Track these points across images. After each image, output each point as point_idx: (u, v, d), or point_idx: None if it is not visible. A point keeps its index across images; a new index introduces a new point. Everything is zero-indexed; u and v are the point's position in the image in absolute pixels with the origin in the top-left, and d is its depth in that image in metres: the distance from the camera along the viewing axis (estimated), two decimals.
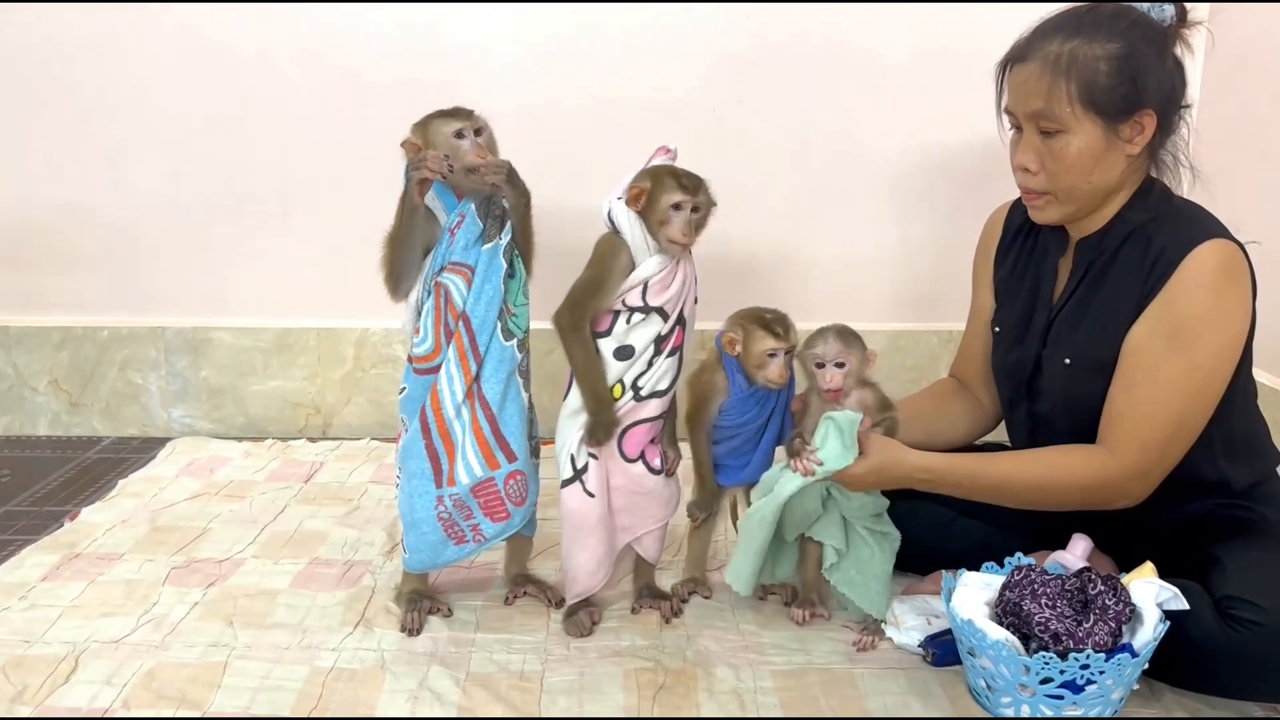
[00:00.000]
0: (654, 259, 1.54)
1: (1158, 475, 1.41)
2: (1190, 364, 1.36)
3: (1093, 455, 1.42)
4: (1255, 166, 2.14)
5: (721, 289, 2.45)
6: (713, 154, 2.42)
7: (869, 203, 2.47)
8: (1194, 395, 1.37)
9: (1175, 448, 1.40)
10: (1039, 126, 1.41)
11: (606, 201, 1.56)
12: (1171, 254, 1.37)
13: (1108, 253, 1.45)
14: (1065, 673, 1.27)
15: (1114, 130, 1.38)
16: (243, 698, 1.41)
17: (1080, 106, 1.37)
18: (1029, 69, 1.40)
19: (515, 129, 1.66)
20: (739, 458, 1.62)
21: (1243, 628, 1.26)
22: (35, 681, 1.44)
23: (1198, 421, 1.39)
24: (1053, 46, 1.38)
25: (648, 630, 1.60)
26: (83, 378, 2.56)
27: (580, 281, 1.55)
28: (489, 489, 1.57)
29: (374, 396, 2.56)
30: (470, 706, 1.39)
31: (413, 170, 1.51)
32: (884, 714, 1.38)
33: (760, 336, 1.54)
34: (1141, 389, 1.38)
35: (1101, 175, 1.41)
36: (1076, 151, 1.39)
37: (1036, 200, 1.47)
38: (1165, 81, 1.38)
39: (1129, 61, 1.36)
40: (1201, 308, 1.35)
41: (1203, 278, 1.35)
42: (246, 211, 2.48)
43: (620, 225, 1.54)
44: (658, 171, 1.55)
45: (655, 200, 1.52)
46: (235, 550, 1.88)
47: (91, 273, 2.53)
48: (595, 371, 1.54)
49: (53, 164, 2.46)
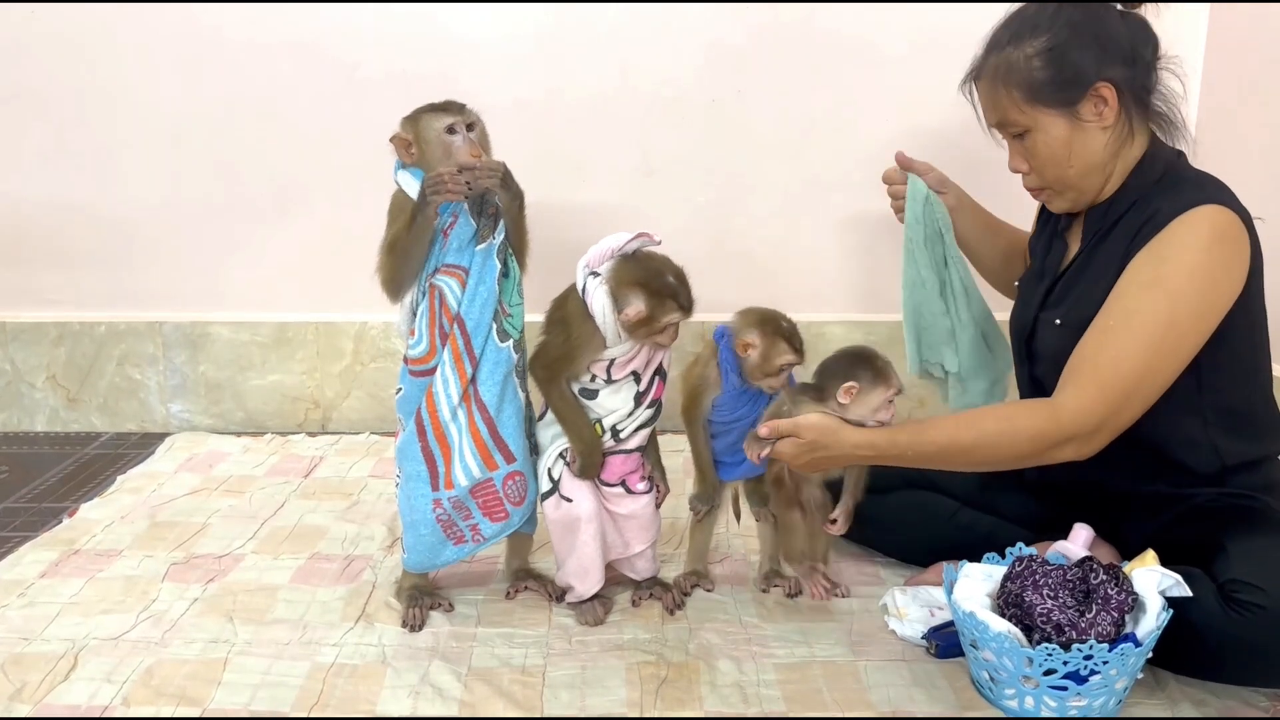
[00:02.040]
0: (624, 344, 1.52)
1: (1110, 429, 1.36)
2: (1169, 318, 1.34)
3: (1037, 406, 1.40)
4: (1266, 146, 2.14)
5: (719, 280, 2.44)
6: (711, 145, 2.44)
7: (867, 193, 2.46)
8: (1165, 351, 1.34)
9: (1134, 402, 1.35)
10: (1009, 132, 1.48)
11: (584, 272, 1.51)
12: (1165, 214, 1.37)
13: (1112, 219, 1.46)
14: (1069, 664, 1.27)
15: (1073, 114, 1.41)
16: (243, 694, 1.40)
17: (1029, 106, 1.42)
18: (983, 85, 1.48)
19: (510, 123, 1.65)
20: (735, 454, 1.62)
21: (1246, 611, 1.26)
22: (34, 679, 1.43)
23: (1162, 379, 1.36)
24: (992, 60, 1.45)
25: (650, 623, 1.60)
26: (80, 373, 2.55)
27: (552, 344, 1.54)
28: (487, 490, 1.57)
29: (373, 390, 2.55)
30: (472, 701, 1.39)
31: (431, 194, 1.46)
32: (887, 706, 1.37)
33: (782, 350, 1.52)
34: (1114, 334, 1.35)
35: (1081, 158, 1.43)
36: (1045, 145, 1.44)
37: (1041, 195, 1.53)
38: (1110, 49, 1.39)
39: (1057, 49, 1.39)
40: (1187, 265, 1.34)
41: (1192, 237, 1.34)
42: (243, 205, 2.47)
43: (593, 309, 1.49)
44: (660, 291, 1.47)
45: (654, 319, 1.48)
46: (235, 546, 1.87)
47: (88, 268, 2.52)
48: (577, 419, 1.55)
49: (49, 160, 2.45)
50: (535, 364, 1.56)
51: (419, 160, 1.53)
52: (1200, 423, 1.43)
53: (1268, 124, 2.11)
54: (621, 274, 1.49)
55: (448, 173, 1.46)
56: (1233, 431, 1.45)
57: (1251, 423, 1.47)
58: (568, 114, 2.40)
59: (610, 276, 1.49)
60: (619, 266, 1.50)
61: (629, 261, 1.51)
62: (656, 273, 1.49)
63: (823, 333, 2.48)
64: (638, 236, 1.52)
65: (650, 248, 1.54)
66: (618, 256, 1.51)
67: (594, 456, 1.56)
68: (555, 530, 1.60)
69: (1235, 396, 1.44)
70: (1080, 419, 1.34)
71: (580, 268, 1.52)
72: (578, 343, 1.51)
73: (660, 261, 1.52)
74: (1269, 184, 2.06)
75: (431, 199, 1.47)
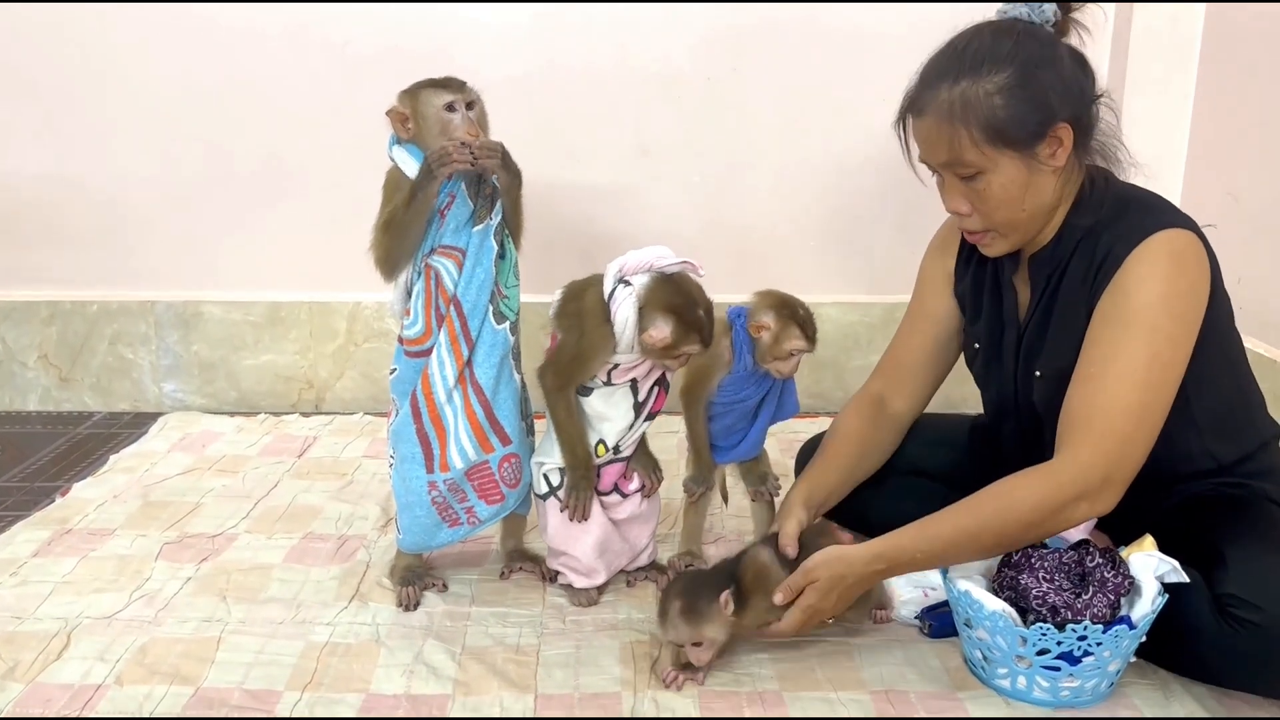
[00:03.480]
0: (632, 354, 1.50)
1: (1121, 477, 1.29)
2: (1149, 354, 1.29)
3: (1033, 473, 1.31)
4: (1254, 130, 2.13)
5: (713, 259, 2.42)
6: (707, 124, 2.42)
7: (863, 173, 2.45)
8: (1154, 386, 1.30)
9: (1135, 446, 1.29)
10: (956, 173, 1.36)
11: (614, 275, 1.47)
12: (1119, 250, 1.32)
13: (1061, 262, 1.41)
14: (1062, 644, 1.27)
15: (1032, 155, 1.31)
16: (237, 673, 1.40)
17: (988, 146, 1.30)
18: (926, 123, 1.34)
19: (504, 101, 1.63)
20: (730, 436, 1.62)
21: (1241, 627, 1.24)
22: (27, 658, 1.43)
23: (1157, 416, 1.30)
24: (942, 95, 1.31)
25: (644, 603, 1.60)
26: (72, 352, 2.54)
27: (566, 348, 1.51)
28: (483, 472, 1.56)
29: (367, 371, 2.54)
30: (466, 680, 1.39)
31: (438, 166, 1.44)
32: (879, 684, 1.38)
33: (794, 335, 1.52)
34: (1098, 382, 1.30)
35: (1034, 199, 1.36)
36: (1000, 188, 1.33)
37: (982, 239, 1.42)
38: (1069, 87, 1.31)
39: (1023, 87, 1.29)
40: (1153, 295, 1.30)
41: (1151, 268, 1.30)
42: (236, 184, 2.46)
43: (616, 317, 1.45)
44: (690, 323, 1.45)
45: (675, 346, 1.46)
46: (228, 525, 1.87)
47: (80, 247, 2.51)
48: (575, 431, 1.54)
49: (40, 138, 2.43)
50: (546, 372, 1.53)
51: (415, 136, 1.51)
52: (1195, 433, 1.41)
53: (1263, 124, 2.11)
54: (656, 294, 1.44)
55: (452, 145, 1.44)
56: (1225, 432, 1.44)
57: (1239, 418, 1.46)
58: (562, 92, 2.39)
59: (644, 293, 1.45)
60: (655, 285, 1.45)
61: (666, 283, 1.46)
62: (691, 302, 1.46)
63: (818, 314, 2.45)
64: (684, 263, 1.48)
65: (691, 275, 1.49)
66: (655, 273, 1.47)
67: (582, 472, 1.54)
68: (554, 526, 1.59)
69: (1222, 398, 1.43)
70: (1082, 476, 1.28)
71: (612, 270, 1.47)
72: (590, 344, 1.48)
73: (696, 290, 1.48)
74: (1267, 183, 2.07)
75: (438, 171, 1.44)
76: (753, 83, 2.39)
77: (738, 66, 2.38)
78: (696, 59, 2.38)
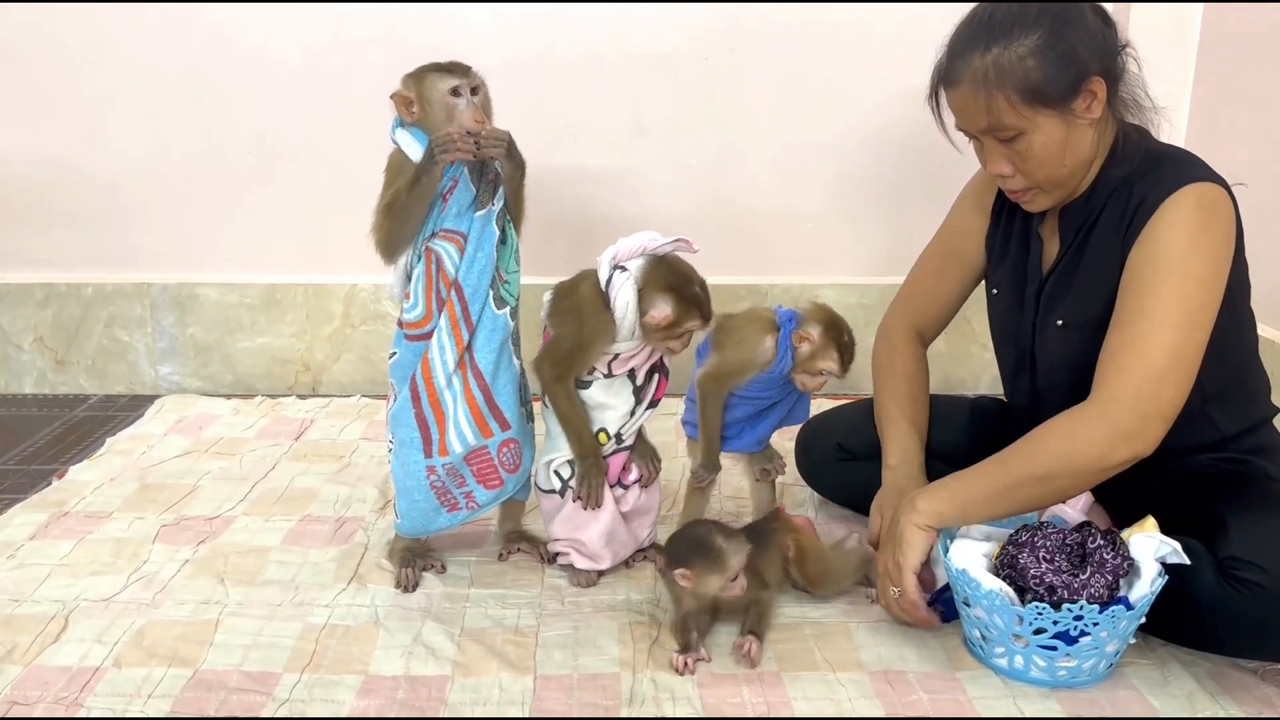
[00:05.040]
0: (633, 341, 1.51)
1: (1158, 414, 1.32)
2: (1180, 293, 1.32)
3: (1084, 409, 1.34)
4: (1256, 112, 2.13)
5: (711, 241, 2.42)
6: (704, 104, 2.41)
7: (862, 153, 2.44)
8: (1187, 326, 1.33)
9: (1171, 386, 1.32)
10: (996, 137, 1.38)
11: (608, 263, 1.48)
12: (1153, 199, 1.35)
13: (1094, 213, 1.43)
14: (1059, 623, 1.27)
15: (1068, 111, 1.35)
16: (235, 655, 1.40)
17: (1027, 107, 1.34)
18: (961, 92, 1.37)
19: (501, 82, 1.61)
20: (734, 427, 1.62)
21: (1244, 589, 1.25)
22: (25, 640, 1.43)
23: (1194, 355, 1.33)
24: (975, 63, 1.34)
25: (642, 584, 1.60)
26: (68, 335, 2.53)
27: (565, 339, 1.51)
28: (482, 457, 1.56)
29: (363, 353, 2.53)
30: (465, 662, 1.39)
31: (441, 153, 1.44)
32: (878, 665, 1.38)
33: (830, 357, 1.54)
34: (1131, 325, 1.34)
35: (1075, 154, 1.39)
36: (1042, 146, 1.37)
37: (1024, 196, 1.45)
38: (1097, 40, 1.34)
39: (1054, 46, 1.32)
40: (1184, 242, 1.33)
41: (1183, 216, 1.33)
42: (231, 166, 2.44)
43: (616, 303, 1.46)
44: (689, 300, 1.47)
45: (677, 324, 1.48)
46: (225, 508, 1.87)
47: (74, 228, 2.49)
48: (579, 421, 1.54)
49: (33, 119, 2.41)
50: (543, 362, 1.53)
51: (420, 120, 1.50)
52: (1199, 399, 1.42)
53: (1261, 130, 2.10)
54: (653, 275, 1.46)
55: (457, 132, 1.44)
56: (1227, 402, 1.45)
57: (1243, 389, 1.48)
58: (559, 73, 2.37)
59: (640, 275, 1.46)
60: (650, 267, 1.47)
61: (660, 264, 1.48)
62: (687, 280, 1.48)
63: (816, 296, 2.45)
64: (676, 241, 1.50)
65: (683, 253, 1.51)
66: (648, 256, 1.48)
67: (591, 460, 1.54)
68: (564, 516, 1.59)
69: (1226, 367, 1.44)
70: (1121, 415, 1.31)
71: (606, 258, 1.48)
72: (591, 333, 1.49)
73: (689, 269, 1.50)
74: (1264, 177, 2.06)
75: (440, 158, 1.44)
76: (750, 63, 2.37)
77: (735, 47, 2.36)
78: (694, 39, 2.36)
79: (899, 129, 2.39)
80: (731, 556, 1.37)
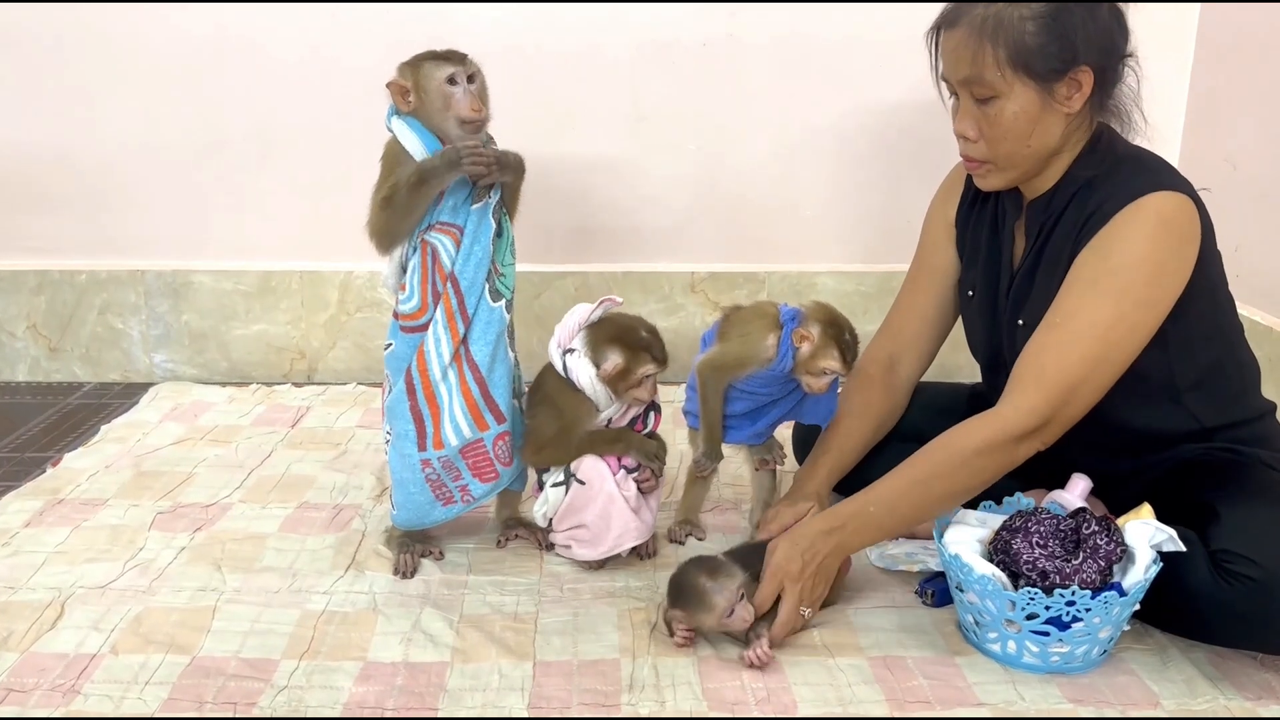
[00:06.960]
0: (614, 405, 1.56)
1: (1060, 420, 1.34)
2: (1114, 314, 1.32)
3: (979, 419, 1.37)
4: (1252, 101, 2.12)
5: (709, 228, 2.42)
6: (702, 90, 2.40)
7: (860, 140, 2.44)
8: (1113, 343, 1.33)
9: (1081, 395, 1.34)
10: (973, 93, 1.37)
11: (558, 352, 1.55)
12: (1110, 206, 1.34)
13: (1056, 212, 1.42)
14: (1051, 609, 1.27)
15: (1049, 91, 1.34)
16: (233, 642, 1.40)
17: (1010, 70, 1.33)
18: (957, 34, 1.36)
19: (498, 68, 1.60)
20: (732, 420, 1.62)
21: (1237, 581, 1.25)
22: (21, 628, 1.42)
23: (1110, 371, 1.34)
24: (978, 10, 1.34)
25: (642, 571, 1.60)
26: (61, 322, 2.51)
27: (544, 427, 1.57)
28: (478, 450, 1.56)
29: (359, 341, 2.53)
30: (464, 648, 1.39)
31: (467, 164, 1.44)
32: (876, 650, 1.38)
33: (831, 356, 1.52)
34: (1056, 332, 1.34)
35: (1040, 138, 1.37)
36: (1011, 116, 1.35)
37: (978, 169, 1.44)
38: (1100, 35, 1.33)
39: (1057, 19, 1.31)
40: (1133, 257, 1.32)
41: (1137, 229, 1.32)
42: (226, 152, 2.42)
43: (580, 381, 1.53)
44: (635, 345, 1.52)
45: (630, 373, 1.52)
46: (222, 495, 1.86)
47: (68, 215, 2.48)
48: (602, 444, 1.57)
49: (25, 104, 2.39)
50: (527, 451, 1.60)
51: (416, 109, 1.49)
52: (1176, 393, 1.43)
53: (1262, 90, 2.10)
54: (596, 334, 1.53)
55: (487, 155, 1.46)
56: (1208, 397, 1.44)
57: (1224, 384, 1.46)
58: (557, 60, 2.36)
59: (585, 342, 1.53)
60: (591, 330, 1.54)
61: (599, 326, 1.55)
62: (630, 329, 1.54)
63: (814, 283, 2.47)
64: (601, 303, 1.56)
65: (614, 310, 1.57)
66: (586, 327, 1.55)
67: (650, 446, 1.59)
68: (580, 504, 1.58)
69: (1205, 362, 1.43)
70: (1024, 419, 1.33)
71: (553, 349, 1.55)
72: (572, 416, 1.54)
73: (632, 319, 1.56)
74: (1265, 150, 2.06)
75: (465, 167, 1.45)
76: (749, 48, 2.36)
77: (733, 31, 2.35)
78: (692, 27, 2.35)
79: (897, 115, 2.38)
80: (716, 595, 1.34)
